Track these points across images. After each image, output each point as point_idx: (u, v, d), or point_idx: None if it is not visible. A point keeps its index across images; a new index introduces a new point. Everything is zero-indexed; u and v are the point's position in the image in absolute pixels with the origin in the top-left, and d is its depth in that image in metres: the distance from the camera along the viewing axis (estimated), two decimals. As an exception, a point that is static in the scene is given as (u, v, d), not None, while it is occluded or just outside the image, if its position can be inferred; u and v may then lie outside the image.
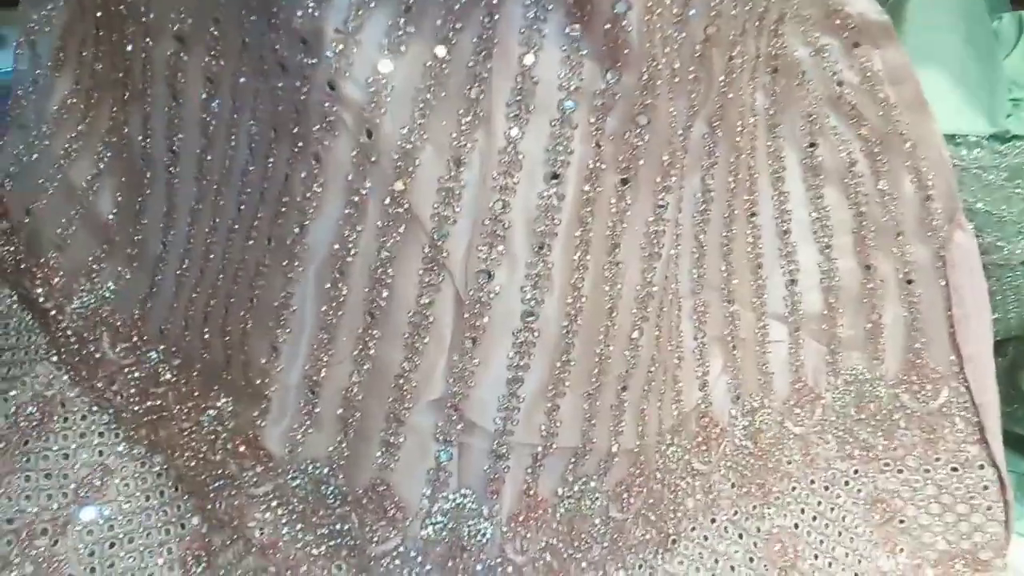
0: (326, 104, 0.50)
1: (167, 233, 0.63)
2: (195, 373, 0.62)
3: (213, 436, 0.59)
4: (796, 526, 0.72)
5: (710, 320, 0.68)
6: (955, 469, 0.73)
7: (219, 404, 0.59)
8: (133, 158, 0.63)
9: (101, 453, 0.64)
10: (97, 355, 0.65)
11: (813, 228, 0.70)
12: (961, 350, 0.69)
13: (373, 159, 0.51)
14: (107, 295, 0.65)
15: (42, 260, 0.65)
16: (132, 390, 0.64)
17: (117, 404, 0.65)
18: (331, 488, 0.55)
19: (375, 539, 0.54)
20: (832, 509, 0.73)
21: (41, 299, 0.64)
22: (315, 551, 0.56)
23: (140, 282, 0.65)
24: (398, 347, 0.53)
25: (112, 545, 0.62)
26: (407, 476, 0.54)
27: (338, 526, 0.55)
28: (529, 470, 0.55)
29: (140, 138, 0.62)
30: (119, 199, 0.65)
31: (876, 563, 0.73)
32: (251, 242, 0.56)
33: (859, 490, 0.74)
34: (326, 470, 0.55)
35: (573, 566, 0.60)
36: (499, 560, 0.54)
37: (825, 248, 0.70)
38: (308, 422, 0.55)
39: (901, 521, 0.74)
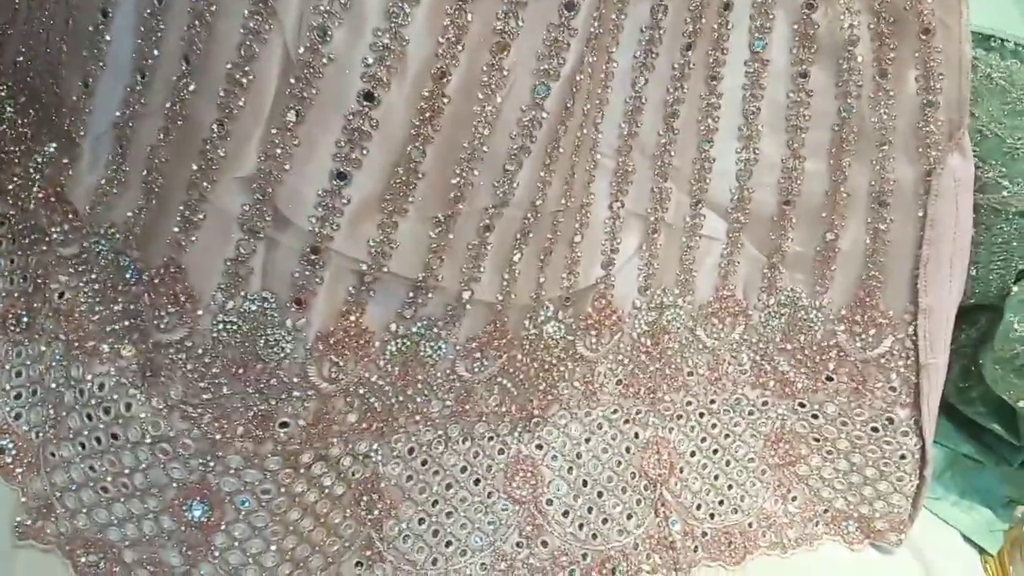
0: None
1: None
2: (32, 113, 0.55)
3: (31, 183, 0.53)
4: (680, 443, 0.65)
5: (632, 191, 0.58)
6: (875, 429, 0.64)
7: (47, 150, 0.53)
8: None
9: None
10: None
11: (787, 114, 0.57)
12: (920, 297, 0.58)
13: None
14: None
15: None
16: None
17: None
18: (128, 261, 0.49)
19: (162, 326, 0.48)
20: (726, 436, 0.66)
21: None
22: (108, 327, 0.51)
23: (3, 5, 0.58)
24: (211, 105, 0.45)
25: None
26: (202, 261, 0.47)
27: (132, 305, 0.50)
28: (352, 290, 0.48)
29: None
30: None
31: (760, 503, 0.66)
32: None
33: (763, 424, 0.66)
34: (123, 238, 0.49)
35: (403, 414, 0.54)
36: (299, 380, 0.49)
37: (794, 142, 0.57)
38: (115, 179, 0.49)
39: (803, 468, 0.66)
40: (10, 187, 0.56)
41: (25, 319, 0.57)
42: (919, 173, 0.56)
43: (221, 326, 0.48)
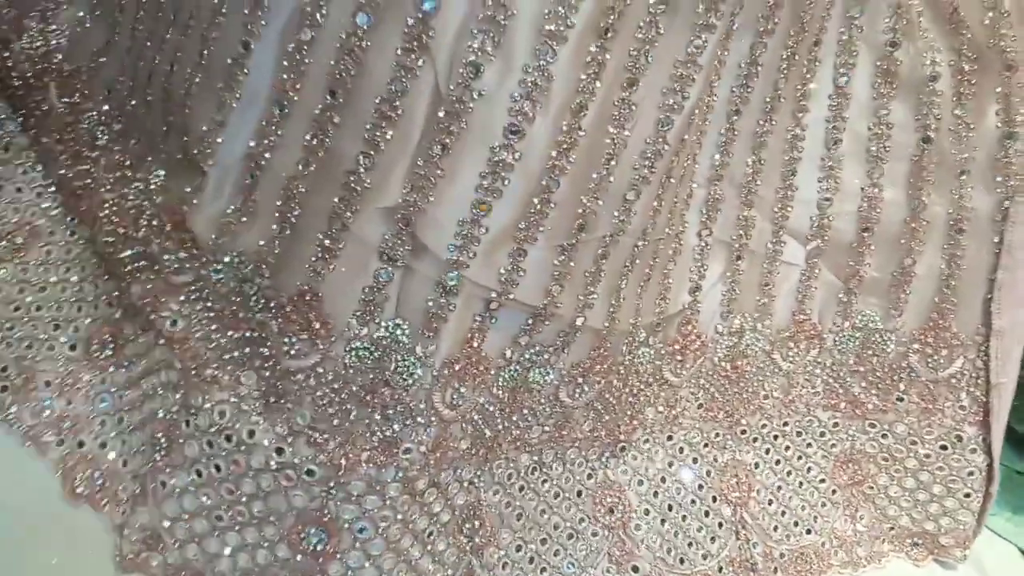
0: None
1: None
2: (133, 141, 0.55)
3: (136, 211, 0.53)
4: (757, 465, 0.66)
5: (720, 219, 0.60)
6: (944, 447, 0.66)
7: (150, 177, 0.53)
8: None
9: (33, 214, 0.59)
10: (44, 107, 0.59)
11: (867, 145, 0.60)
12: (993, 320, 0.61)
13: None
14: (60, 41, 0.59)
15: None
16: (69, 151, 0.58)
17: (59, 164, 0.59)
18: (255, 289, 0.49)
19: (292, 352, 0.48)
20: (799, 458, 0.67)
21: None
22: (226, 355, 0.50)
23: (98, 31, 0.58)
24: (357, 138, 0.45)
25: (16, 308, 0.57)
26: (340, 290, 0.47)
27: (256, 332, 0.50)
28: (478, 318, 0.49)
29: None
30: None
31: (831, 523, 0.67)
32: None
33: (834, 445, 0.68)
34: (252, 267, 0.49)
35: (506, 440, 0.55)
36: (423, 407, 0.49)
37: (874, 172, 0.60)
38: (243, 209, 0.49)
39: (870, 487, 0.68)
40: (101, 214, 0.56)
41: (112, 345, 0.56)
42: (996, 201, 0.59)
43: (354, 352, 0.48)
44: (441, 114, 0.44)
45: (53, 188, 0.60)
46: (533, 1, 0.43)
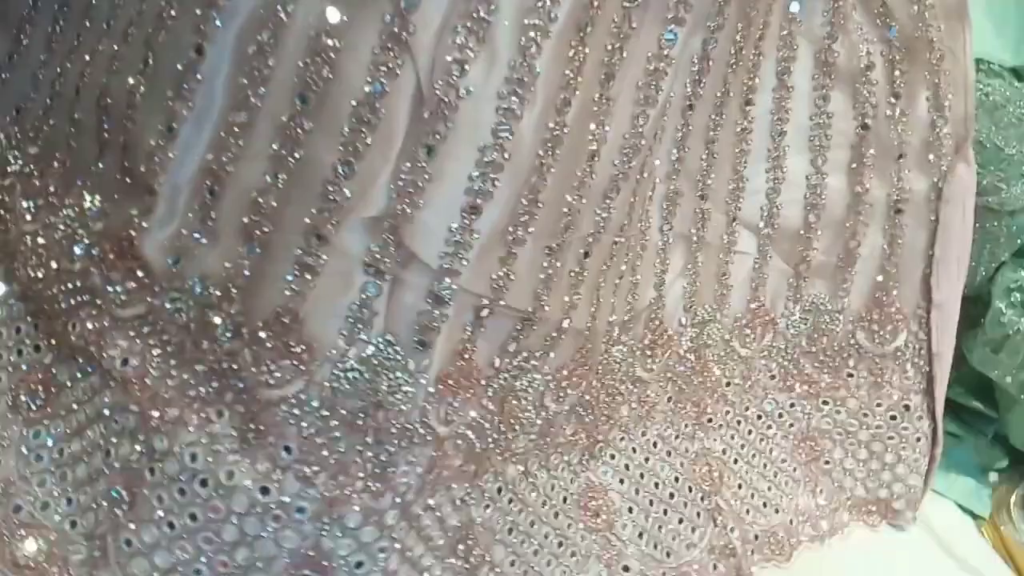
0: None
1: None
2: (55, 163, 0.50)
3: (69, 241, 0.48)
4: (724, 452, 0.67)
5: (679, 213, 0.60)
6: (894, 417, 0.70)
7: (84, 204, 0.48)
8: None
9: None
10: None
11: (810, 135, 0.62)
12: (933, 294, 0.65)
13: None
14: None
15: None
16: None
17: None
18: (219, 317, 0.45)
19: (271, 381, 0.44)
20: (761, 440, 0.69)
21: None
22: (191, 392, 0.46)
23: None
24: (332, 145, 0.42)
25: None
26: (323, 309, 0.44)
27: (224, 364, 0.45)
28: (469, 328, 0.47)
29: None
30: None
31: (795, 500, 0.69)
32: None
33: (792, 424, 0.70)
34: (218, 292, 0.45)
35: (496, 453, 0.53)
36: (418, 426, 0.46)
37: (818, 160, 0.63)
38: (202, 229, 0.45)
39: (826, 462, 0.71)
40: (21, 248, 0.50)
41: (42, 395, 0.51)
42: (930, 182, 0.62)
43: (341, 375, 0.45)
44: (426, 115, 0.42)
45: None
46: None
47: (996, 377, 0.70)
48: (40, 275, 0.49)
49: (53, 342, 0.50)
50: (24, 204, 0.49)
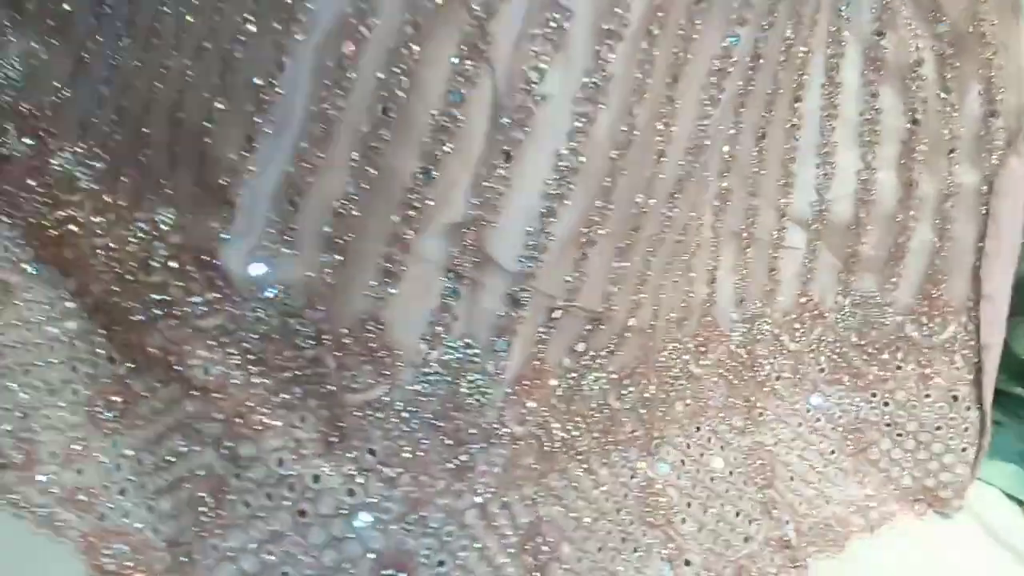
0: None
1: (102, 3, 0.50)
2: (123, 178, 0.50)
3: (147, 253, 0.48)
4: (776, 445, 0.68)
5: (730, 210, 0.61)
6: (942, 407, 0.71)
7: (156, 217, 0.49)
8: None
9: (1, 269, 0.52)
10: (3, 151, 0.53)
11: (860, 130, 0.63)
12: (983, 286, 0.66)
13: None
14: (13, 77, 0.53)
15: None
16: (40, 197, 0.52)
17: (27, 212, 0.53)
18: (302, 324, 0.46)
19: (356, 386, 0.45)
20: (811, 432, 0.70)
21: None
22: (274, 398, 0.47)
23: (60, 62, 0.52)
24: (413, 154, 0.43)
25: (1, 376, 0.51)
26: (405, 314, 0.45)
27: (307, 371, 0.46)
28: (542, 330, 0.48)
29: None
30: None
31: (846, 492, 0.70)
32: (226, 4, 0.44)
33: (840, 416, 0.71)
34: (302, 300, 0.46)
35: (562, 452, 0.54)
36: (496, 427, 0.47)
37: (868, 155, 0.63)
38: (283, 239, 0.46)
39: (874, 453, 0.72)
40: (93, 263, 0.51)
41: (119, 406, 0.51)
42: (981, 176, 0.63)
43: (423, 378, 0.46)
44: (504, 122, 0.43)
45: (21, 240, 0.54)
46: (589, 1, 0.42)
47: (1041, 364, 0.71)
48: (117, 288, 0.50)
49: (128, 353, 0.51)
50: (95, 219, 0.50)
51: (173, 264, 0.48)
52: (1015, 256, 0.65)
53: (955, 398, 0.70)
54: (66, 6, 0.51)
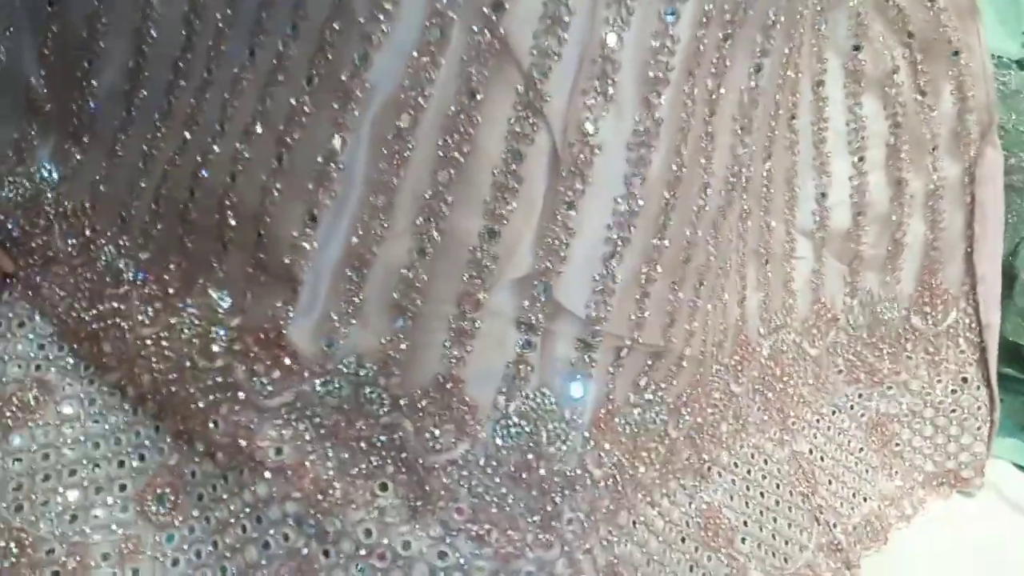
0: None
1: (133, 96, 0.49)
2: (170, 266, 0.49)
3: (206, 338, 0.47)
4: (811, 451, 0.69)
5: (750, 230, 0.63)
6: (954, 391, 0.74)
7: (211, 301, 0.47)
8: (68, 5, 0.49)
9: (39, 368, 0.50)
10: (49, 253, 0.52)
11: (848, 139, 0.66)
12: (976, 269, 0.69)
13: None
14: (50, 179, 0.52)
15: None
16: (82, 294, 0.50)
17: (67, 309, 0.51)
18: (375, 392, 0.45)
19: (437, 447, 0.44)
20: (840, 434, 0.72)
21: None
22: (352, 470, 0.45)
23: (93, 158, 0.51)
24: (476, 214, 0.43)
25: (47, 478, 0.49)
26: (481, 369, 0.45)
27: (383, 437, 0.45)
28: (611, 369, 0.48)
29: None
30: (48, 57, 0.51)
31: (878, 486, 0.72)
32: (277, 87, 0.44)
33: (862, 414, 0.73)
34: (375, 368, 0.45)
35: (631, 487, 0.54)
36: (578, 472, 0.47)
37: (858, 161, 0.67)
38: (350, 311, 0.45)
39: (896, 445, 0.74)
40: (143, 353, 0.49)
41: (171, 497, 0.49)
42: (963, 167, 0.67)
43: (503, 431, 0.45)
44: (563, 174, 0.44)
45: (59, 338, 0.52)
46: (635, 50, 0.44)
47: (1028, 344, 0.75)
48: (174, 375, 0.48)
49: (180, 442, 0.49)
50: (141, 309, 0.48)
51: (237, 347, 0.46)
52: (1001, 237, 0.69)
53: (965, 380, 0.73)
54: (88, 107, 0.50)
